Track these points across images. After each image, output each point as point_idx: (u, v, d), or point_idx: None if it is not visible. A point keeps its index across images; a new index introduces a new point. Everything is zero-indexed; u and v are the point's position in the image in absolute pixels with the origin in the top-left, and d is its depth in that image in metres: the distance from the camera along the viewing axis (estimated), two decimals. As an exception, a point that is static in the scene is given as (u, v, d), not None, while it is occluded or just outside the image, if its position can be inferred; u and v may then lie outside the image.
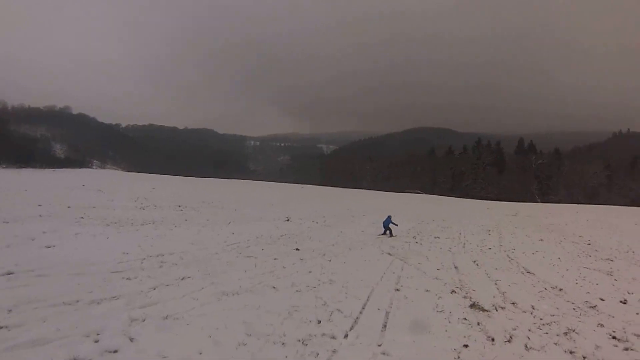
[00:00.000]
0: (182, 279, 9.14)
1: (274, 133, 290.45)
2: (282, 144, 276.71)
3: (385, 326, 6.98)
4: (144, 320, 6.34)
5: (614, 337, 6.90)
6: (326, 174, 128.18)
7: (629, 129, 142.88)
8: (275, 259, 12.33)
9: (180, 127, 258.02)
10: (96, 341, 5.60)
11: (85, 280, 8.38)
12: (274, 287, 8.89)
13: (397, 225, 21.11)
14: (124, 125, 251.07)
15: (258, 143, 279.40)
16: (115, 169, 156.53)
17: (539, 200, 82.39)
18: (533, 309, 8.46)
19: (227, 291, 8.25)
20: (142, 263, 10.49)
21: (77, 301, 7.02)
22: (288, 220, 23.48)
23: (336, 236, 18.97)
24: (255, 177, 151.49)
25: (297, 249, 14.33)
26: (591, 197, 78.72)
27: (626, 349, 6.41)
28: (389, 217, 20.96)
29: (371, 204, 45.37)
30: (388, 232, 20.29)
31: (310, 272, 10.76)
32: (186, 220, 20.88)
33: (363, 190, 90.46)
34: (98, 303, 7.06)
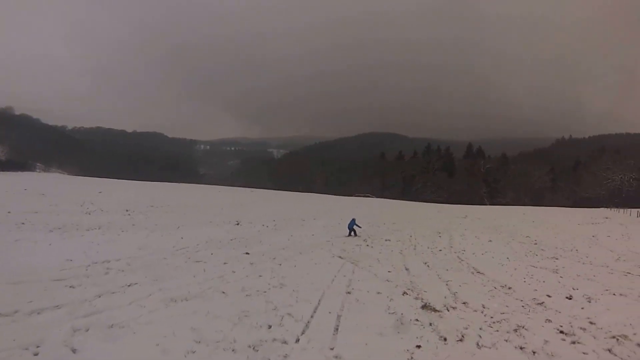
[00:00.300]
0: (129, 285, 9.01)
1: (224, 137, 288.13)
2: (233, 148, 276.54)
3: (337, 329, 6.99)
4: (87, 330, 6.21)
5: (561, 332, 7.27)
6: (277, 178, 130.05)
7: (570, 136, 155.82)
8: (225, 263, 12.38)
9: (129, 130, 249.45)
10: (36, 354, 5.35)
11: (25, 289, 8.13)
12: (223, 292, 8.89)
13: (360, 227, 22.54)
14: (70, 127, 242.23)
15: (208, 147, 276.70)
16: (61, 173, 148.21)
17: (488, 203, 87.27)
18: (483, 307, 8.77)
19: (176, 297, 8.21)
20: (86, 270, 10.30)
21: (16, 312, 6.82)
22: (238, 224, 23.69)
23: (286, 240, 19.03)
24: (206, 181, 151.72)
25: (247, 253, 14.41)
26: (537, 199, 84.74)
27: (573, 343, 6.76)
28: (353, 219, 22.29)
29: (322, 207, 46.07)
30: (352, 233, 21.63)
31: (260, 276, 10.83)
32: (134, 224, 20.64)
33: (313, 194, 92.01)
34: (38, 313, 6.86)
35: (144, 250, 13.70)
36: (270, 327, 6.88)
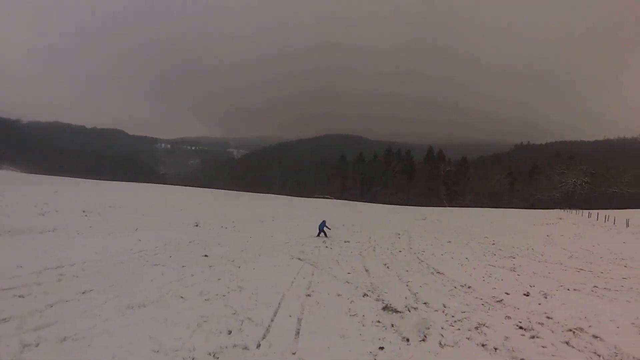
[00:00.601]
0: (84, 292, 8.67)
1: (185, 136, 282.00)
2: (194, 148, 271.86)
3: (298, 333, 6.93)
4: (37, 345, 5.85)
5: (520, 327, 7.52)
6: (236, 179, 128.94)
7: (529, 142, 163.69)
8: (183, 266, 12.24)
9: (89, 126, 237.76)
10: (-22, 375, 4.93)
11: (-32, 301, 7.60)
12: (182, 297, 8.76)
13: (330, 229, 23.83)
14: (25, 121, 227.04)
15: (169, 146, 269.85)
16: (13, 171, 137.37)
17: (447, 205, 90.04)
18: (444, 307, 8.94)
19: (133, 304, 7.98)
20: (38, 277, 9.79)
21: (-43, 327, 6.36)
22: (197, 225, 23.91)
23: (245, 242, 19.01)
24: (166, 180, 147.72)
25: (206, 256, 14.40)
26: (495, 201, 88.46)
27: (532, 337, 7.00)
28: (324, 221, 23.62)
29: (280, 209, 46.43)
30: (322, 234, 22.80)
31: (219, 279, 10.77)
32: (91, 226, 20.32)
33: (273, 195, 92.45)
34: (-17, 328, 6.39)
35: (101, 254, 13.40)
36: (230, 332, 6.80)
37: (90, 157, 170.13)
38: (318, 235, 22.70)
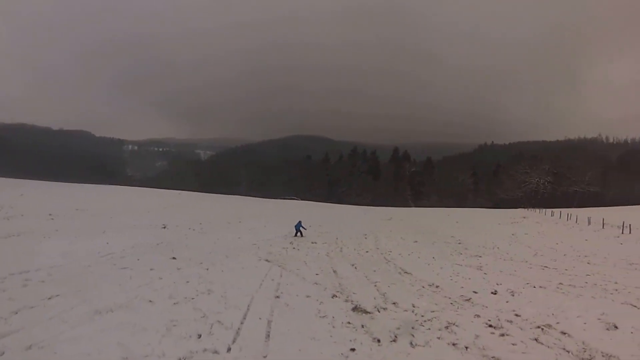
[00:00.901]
0: (50, 298, 8.51)
1: (152, 137, 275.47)
2: (161, 149, 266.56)
3: (268, 336, 6.92)
4: (2, 354, 5.79)
5: (490, 326, 7.72)
6: (203, 180, 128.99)
7: (492, 142, 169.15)
8: (151, 269, 12.19)
9: (55, 127, 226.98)
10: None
11: None
12: (150, 301, 8.69)
13: (306, 229, 24.67)
14: None
15: (136, 147, 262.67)
16: None
17: (413, 205, 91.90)
18: (414, 307, 9.07)
19: (100, 309, 7.89)
20: (2, 283, 9.63)
21: None
22: (165, 227, 23.84)
23: (213, 243, 18.95)
24: (133, 182, 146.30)
25: (174, 258, 14.40)
26: (460, 201, 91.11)
27: (502, 335, 7.19)
28: (300, 222, 24.58)
29: (247, 210, 46.70)
30: (299, 233, 23.77)
31: (188, 282, 10.75)
32: (57, 230, 19.98)
33: (239, 196, 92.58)
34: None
35: (68, 258, 13.18)
36: (200, 336, 6.77)
37: (57, 160, 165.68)
38: (295, 235, 23.64)
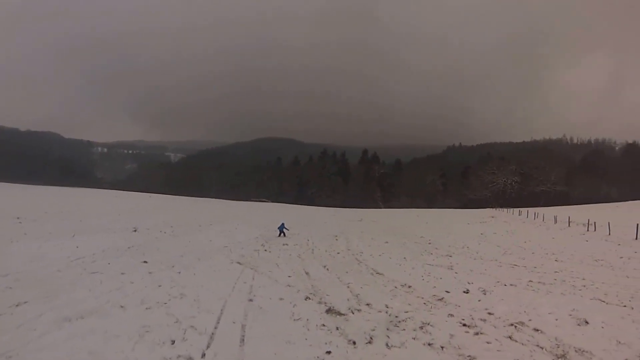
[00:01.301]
0: (17, 305, 8.39)
1: (122, 140, 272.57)
2: (130, 151, 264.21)
3: (243, 340, 6.84)
4: None
5: (464, 325, 7.81)
6: (174, 183, 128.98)
7: (460, 143, 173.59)
8: (122, 273, 12.10)
9: (23, 128, 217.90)
10: None
11: None
12: (122, 307, 8.59)
13: (288, 229, 25.97)
14: None
15: (105, 149, 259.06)
16: None
17: (383, 206, 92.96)
18: (387, 307, 9.10)
19: (70, 316, 7.73)
20: None
21: None
22: (135, 230, 23.64)
23: (184, 246, 18.79)
24: (103, 185, 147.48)
25: (145, 262, 14.31)
26: (430, 202, 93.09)
27: (476, 334, 7.29)
28: (283, 223, 26.28)
29: (218, 212, 46.68)
30: (282, 234, 25.17)
31: (160, 286, 10.64)
32: (25, 234, 19.88)
33: (210, 198, 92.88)
34: None
35: (36, 262, 13.02)
36: (173, 342, 6.70)
37: (24, 161, 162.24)
38: (279, 235, 24.94)
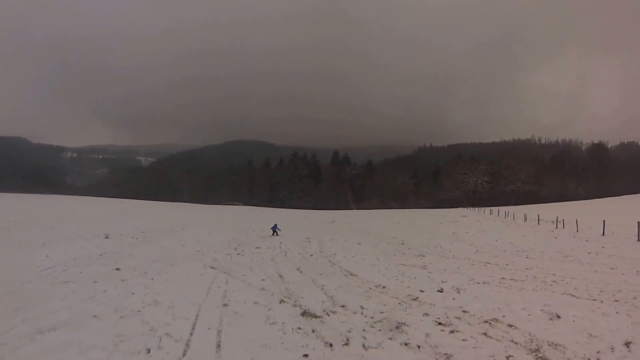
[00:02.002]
0: None
1: (92, 144, 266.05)
2: (101, 156, 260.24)
3: (219, 346, 6.79)
4: None
5: (439, 323, 7.93)
6: (145, 187, 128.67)
7: (431, 144, 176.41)
8: (95, 282, 12.03)
9: None
10: None
11: None
12: (95, 316, 8.50)
13: (280, 230, 27.98)
14: None
15: (75, 154, 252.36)
16: None
17: (355, 208, 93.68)
18: (362, 308, 9.15)
19: (42, 328, 7.60)
20: None
21: None
22: (107, 237, 23.58)
23: (157, 252, 18.76)
24: (73, 191, 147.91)
25: (118, 269, 14.25)
26: (402, 202, 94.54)
27: (452, 332, 7.42)
28: (275, 224, 28.51)
29: (190, 217, 46.75)
30: (275, 234, 27.35)
31: (133, 293, 10.60)
32: None
33: (182, 203, 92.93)
34: None
35: (5, 273, 12.97)
36: (149, 351, 6.63)
37: None
38: (272, 235, 27.17)
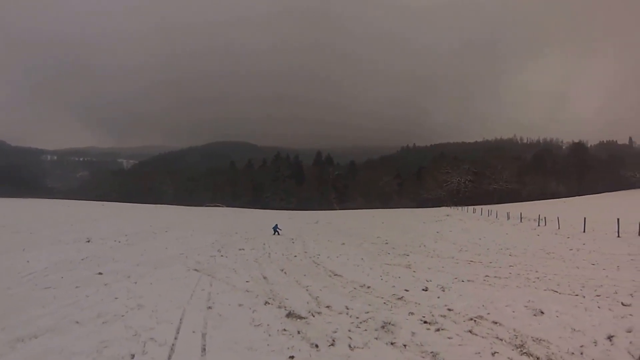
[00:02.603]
0: None
1: (73, 147, 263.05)
2: (82, 159, 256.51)
3: (204, 350, 6.74)
4: None
5: (425, 322, 8.00)
6: (127, 190, 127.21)
7: (414, 144, 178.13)
8: (77, 287, 11.77)
9: None
10: None
11: None
12: (77, 322, 8.30)
13: (281, 229, 29.62)
14: None
15: (55, 157, 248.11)
16: None
17: (338, 208, 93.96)
18: (348, 309, 9.17)
19: (23, 336, 7.44)
20: None
21: None
22: (89, 241, 23.17)
23: (140, 255, 18.50)
24: (54, 195, 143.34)
25: (100, 273, 14.01)
26: (385, 202, 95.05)
27: (438, 330, 7.49)
28: (277, 224, 30.37)
29: (173, 219, 46.49)
30: (277, 233, 28.83)
31: (116, 298, 10.41)
32: None
33: (164, 205, 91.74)
34: None
35: None
36: (133, 356, 6.57)
37: None
38: (274, 234, 28.63)
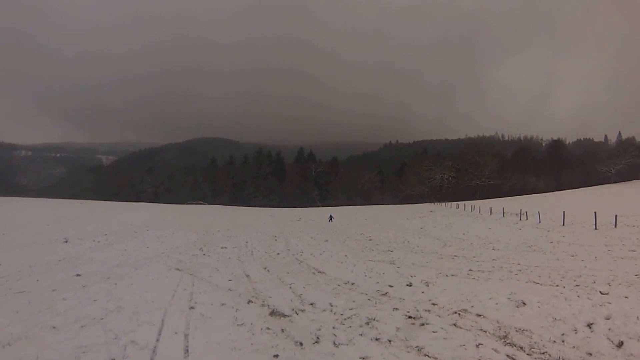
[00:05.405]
0: None
1: (48, 142, 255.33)
2: (58, 155, 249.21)
3: (187, 351, 6.66)
4: None
5: (409, 317, 8.06)
6: (105, 187, 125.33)
7: (397, 140, 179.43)
8: (53, 290, 11.41)
9: None
10: None
11: None
12: (54, 327, 8.03)
13: (334, 218, 30.66)
14: None
15: (30, 153, 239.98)
16: None
17: (320, 205, 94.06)
18: (331, 306, 9.19)
19: None
20: None
21: None
22: (66, 241, 22.93)
23: (120, 255, 18.33)
24: (28, 193, 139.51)
25: (78, 275, 13.75)
26: (367, 199, 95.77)
27: (422, 325, 7.55)
28: (331, 215, 31.39)
29: (153, 217, 46.23)
30: (331, 220, 29.16)
31: (95, 300, 10.14)
32: None
33: (144, 203, 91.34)
34: None
35: None
36: None
37: None
38: (329, 221, 30.46)
